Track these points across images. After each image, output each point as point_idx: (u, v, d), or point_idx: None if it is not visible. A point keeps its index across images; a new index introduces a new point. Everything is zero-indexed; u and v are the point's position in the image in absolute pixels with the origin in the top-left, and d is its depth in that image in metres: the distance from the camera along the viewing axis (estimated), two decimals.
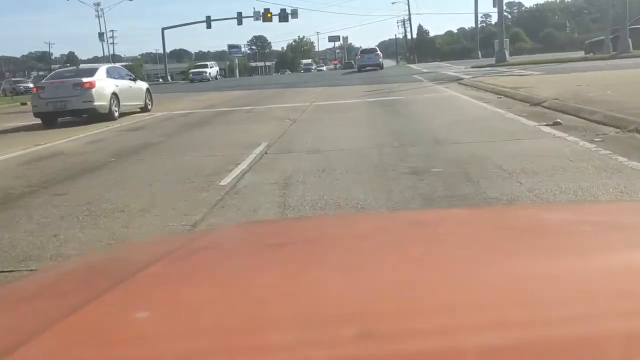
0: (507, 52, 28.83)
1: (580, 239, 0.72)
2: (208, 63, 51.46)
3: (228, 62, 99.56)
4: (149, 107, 15.44)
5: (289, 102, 14.69)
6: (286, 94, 19.04)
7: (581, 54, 31.75)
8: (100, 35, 57.36)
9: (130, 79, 14.73)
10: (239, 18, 49.91)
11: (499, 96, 11.74)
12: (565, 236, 0.75)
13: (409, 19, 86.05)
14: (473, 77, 18.40)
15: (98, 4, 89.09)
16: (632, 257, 0.60)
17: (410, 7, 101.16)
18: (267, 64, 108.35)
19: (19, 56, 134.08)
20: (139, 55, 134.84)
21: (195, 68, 50.03)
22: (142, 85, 15.51)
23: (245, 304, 0.52)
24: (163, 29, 53.17)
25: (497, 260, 0.63)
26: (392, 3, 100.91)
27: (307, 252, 0.77)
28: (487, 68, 25.21)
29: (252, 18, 49.68)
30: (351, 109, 11.63)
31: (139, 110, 14.97)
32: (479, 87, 14.40)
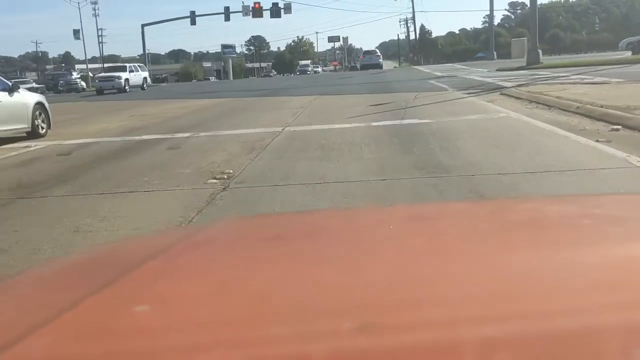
0: (540, 53, 23.56)
1: (579, 231, 0.72)
2: (127, 65, 33.27)
3: (223, 63, 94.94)
4: (42, 130, 10.23)
5: (252, 125, 9.51)
6: (259, 106, 13.86)
7: (613, 54, 26.76)
8: (76, 32, 51.94)
9: (2, 90, 9.49)
10: (227, 13, 44.76)
11: (613, 126, 6.51)
12: (564, 229, 0.75)
13: (413, 17, 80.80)
14: (519, 85, 13.20)
15: (96, 2, 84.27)
16: (631, 249, 0.60)
17: (414, 5, 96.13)
18: (263, 65, 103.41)
19: (16, 56, 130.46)
20: (138, 55, 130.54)
21: (106, 72, 33.50)
22: (29, 99, 10.23)
23: (244, 298, 0.52)
24: (143, 26, 48.12)
25: (497, 254, 0.63)
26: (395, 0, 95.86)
27: (306, 245, 0.76)
28: (521, 72, 19.99)
29: (241, 13, 44.54)
30: (347, 147, 6.43)
31: (24, 135, 9.79)
32: (549, 104, 9.19)
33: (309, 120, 9.78)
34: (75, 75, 47.21)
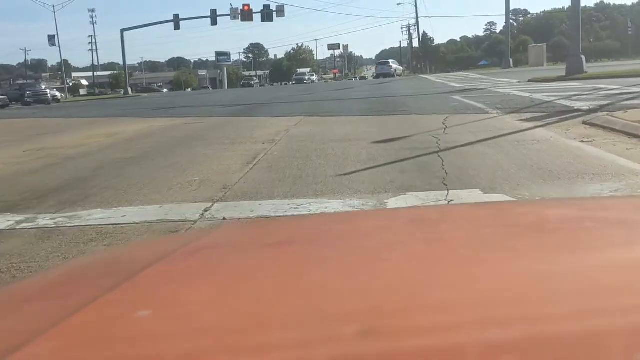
0: (584, 60, 19.11)
1: (582, 234, 0.72)
2: None
3: (219, 71, 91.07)
4: None
5: (160, 190, 5.05)
6: (215, 136, 9.38)
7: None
8: (51, 38, 47.36)
9: None
10: (213, 17, 40.40)
11: None
12: (567, 232, 0.75)
13: (417, 23, 76.56)
14: (601, 107, 8.77)
15: (93, 10, 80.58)
16: (634, 252, 0.60)
17: (418, 10, 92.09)
18: (259, 73, 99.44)
19: (15, 64, 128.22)
20: (137, 63, 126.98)
21: None
22: None
23: (247, 303, 0.52)
24: (122, 30, 43.77)
25: (499, 257, 0.63)
26: (398, 4, 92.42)
27: (308, 250, 0.76)
28: (571, 84, 15.57)
29: (229, 17, 40.21)
30: None
31: None
32: None
33: (268, 178, 5.30)
34: (44, 85, 42.78)
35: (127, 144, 9.07)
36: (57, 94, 41.09)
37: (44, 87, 40.75)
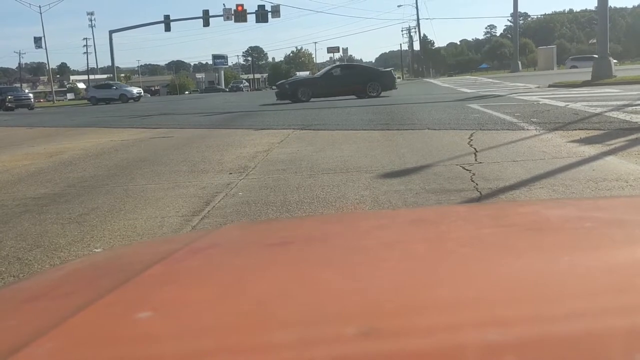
0: (612, 63, 17.02)
1: (581, 235, 0.72)
2: None
3: (217, 74, 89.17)
4: None
5: None
6: (160, 165, 7.27)
7: None
8: (37, 40, 45.23)
9: None
10: (205, 17, 38.35)
11: None
12: (566, 232, 0.75)
13: (418, 25, 74.46)
14: None
15: (92, 13, 78.91)
16: (633, 252, 0.60)
17: (419, 12, 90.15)
18: (257, 76, 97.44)
19: (14, 67, 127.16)
20: (137, 67, 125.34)
21: None
22: None
23: (247, 303, 0.52)
24: (111, 32, 41.72)
25: (499, 257, 0.63)
26: (399, 6, 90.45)
27: (309, 250, 0.76)
28: (606, 91, 13.50)
29: (222, 17, 38.15)
30: None
31: None
32: None
33: None
34: (27, 90, 40.67)
35: (59, 171, 6.98)
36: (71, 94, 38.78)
37: (27, 91, 38.67)
